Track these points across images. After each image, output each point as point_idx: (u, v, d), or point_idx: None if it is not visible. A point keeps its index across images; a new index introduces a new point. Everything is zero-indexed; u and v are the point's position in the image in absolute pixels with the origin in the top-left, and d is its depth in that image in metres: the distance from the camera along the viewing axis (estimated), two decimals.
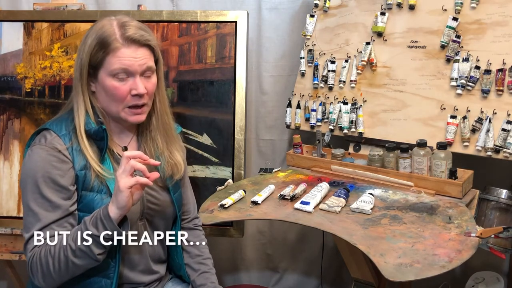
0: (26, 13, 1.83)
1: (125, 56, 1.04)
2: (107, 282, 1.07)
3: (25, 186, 1.03)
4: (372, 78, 1.73)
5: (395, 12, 1.70)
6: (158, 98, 1.16)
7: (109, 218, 0.97)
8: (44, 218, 1.01)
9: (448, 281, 1.85)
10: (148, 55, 1.09)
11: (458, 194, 1.40)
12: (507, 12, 1.47)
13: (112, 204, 0.98)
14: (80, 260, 0.99)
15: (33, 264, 1.01)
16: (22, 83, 1.80)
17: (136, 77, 1.06)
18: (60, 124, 1.08)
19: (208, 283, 1.23)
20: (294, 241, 2.23)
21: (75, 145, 1.06)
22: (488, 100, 1.47)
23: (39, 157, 1.03)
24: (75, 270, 1.01)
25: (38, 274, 1.00)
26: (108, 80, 1.06)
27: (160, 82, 1.15)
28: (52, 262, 0.99)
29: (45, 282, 1.01)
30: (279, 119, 2.10)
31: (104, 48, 1.04)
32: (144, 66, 1.07)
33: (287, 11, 2.07)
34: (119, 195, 0.96)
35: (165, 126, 1.18)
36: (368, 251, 1.14)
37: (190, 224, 1.31)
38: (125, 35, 1.04)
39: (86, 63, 1.06)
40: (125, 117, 1.09)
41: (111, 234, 0.98)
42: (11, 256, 1.79)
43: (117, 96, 1.06)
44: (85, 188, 1.06)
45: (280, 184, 1.61)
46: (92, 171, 1.06)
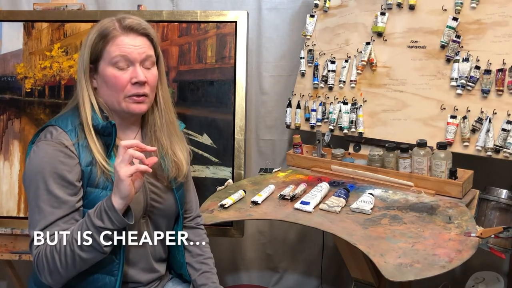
0: (26, 13, 1.83)
1: (124, 44, 1.06)
2: (111, 279, 1.07)
3: (31, 182, 1.02)
4: (372, 78, 1.73)
5: (395, 12, 1.70)
6: (161, 94, 1.16)
7: (114, 209, 0.97)
8: (51, 215, 1.01)
9: (448, 281, 1.85)
10: (148, 45, 1.10)
11: (458, 194, 1.40)
12: (507, 12, 1.47)
13: (114, 195, 0.98)
14: (87, 254, 0.99)
15: (39, 261, 1.00)
16: (22, 83, 1.80)
17: (136, 66, 1.07)
18: (65, 120, 1.08)
19: (209, 283, 1.23)
20: (294, 241, 2.23)
21: (81, 141, 1.06)
22: (488, 100, 1.47)
23: (46, 152, 1.03)
24: (82, 264, 1.00)
25: (44, 270, 1.00)
26: (108, 70, 1.07)
27: (162, 78, 1.16)
28: (58, 257, 0.99)
29: (52, 279, 1.01)
30: (279, 119, 2.10)
31: (104, 38, 1.06)
32: (143, 55, 1.08)
33: (287, 11, 2.07)
34: (121, 185, 0.96)
35: (168, 123, 1.18)
36: (368, 251, 1.14)
37: (192, 223, 1.31)
38: (123, 24, 1.07)
39: (88, 58, 1.08)
40: (127, 107, 1.09)
41: (117, 225, 0.98)
42: (11, 256, 1.79)
43: (117, 85, 1.07)
44: (90, 184, 1.06)
45: (280, 184, 1.61)
46: (98, 167, 1.06)
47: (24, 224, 1.76)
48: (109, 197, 0.99)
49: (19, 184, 1.78)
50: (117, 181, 0.97)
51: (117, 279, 1.07)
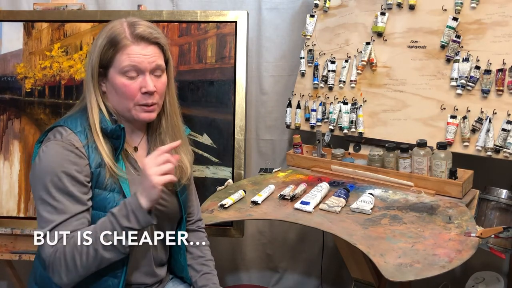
0: (26, 13, 1.83)
1: (135, 53, 1.05)
2: (114, 282, 1.07)
3: (42, 180, 1.01)
4: (372, 78, 1.73)
5: (395, 12, 1.70)
6: (168, 99, 1.16)
7: (143, 210, 0.98)
8: (64, 213, 1.00)
9: (448, 281, 1.85)
10: (158, 53, 1.09)
11: (458, 194, 1.40)
12: (507, 12, 1.47)
13: (142, 197, 0.99)
14: (110, 254, 1.00)
15: (56, 260, 0.99)
16: (22, 83, 1.80)
17: (146, 75, 1.07)
18: (75, 121, 1.08)
19: (210, 284, 1.23)
20: (294, 241, 2.23)
21: (90, 142, 1.06)
22: (488, 100, 1.47)
23: (56, 152, 1.02)
24: (102, 264, 1.01)
25: (61, 269, 0.99)
26: (118, 78, 1.06)
27: (170, 83, 1.16)
28: (79, 257, 0.99)
29: (68, 278, 1.00)
30: (279, 119, 2.10)
31: (114, 46, 1.05)
32: (153, 64, 1.07)
33: (287, 11, 2.07)
34: (153, 191, 0.98)
35: (174, 128, 1.18)
36: (368, 251, 1.14)
37: (194, 226, 1.32)
38: (134, 32, 1.06)
39: (97, 63, 1.07)
40: (136, 115, 1.09)
41: (142, 225, 0.99)
42: (11, 256, 1.79)
43: (127, 94, 1.07)
44: (98, 186, 1.06)
45: (280, 184, 1.61)
46: (107, 169, 1.06)
47: (24, 224, 1.76)
48: (135, 199, 0.99)
49: (19, 184, 1.78)
50: (148, 187, 0.98)
51: (120, 281, 1.08)
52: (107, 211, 1.05)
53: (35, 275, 1.14)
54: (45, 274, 1.10)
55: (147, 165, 0.99)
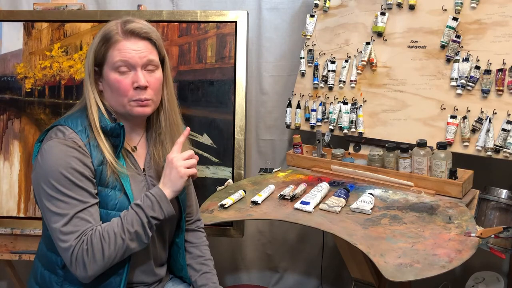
0: (26, 13, 1.83)
1: (125, 49, 1.07)
2: (116, 280, 1.08)
3: (46, 179, 1.01)
4: (372, 78, 1.73)
5: (395, 12, 1.70)
6: (166, 96, 1.17)
7: (167, 199, 1.06)
8: (75, 207, 1.01)
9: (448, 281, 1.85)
10: (150, 49, 1.10)
11: (458, 194, 1.40)
12: (507, 12, 1.47)
13: (166, 187, 1.08)
14: (135, 243, 1.03)
15: (79, 252, 0.99)
16: (22, 83, 1.80)
17: (137, 70, 1.08)
18: (75, 121, 1.09)
19: (209, 283, 1.23)
20: (294, 241, 2.23)
21: (92, 141, 1.07)
22: (488, 100, 1.47)
23: (59, 149, 1.03)
24: (125, 255, 1.04)
25: (87, 260, 0.99)
26: (111, 74, 1.08)
27: (168, 81, 1.17)
28: (108, 247, 1.00)
29: (93, 269, 1.00)
30: (279, 119, 2.10)
31: (106, 42, 1.07)
32: (144, 59, 1.08)
33: (287, 11, 2.07)
34: (179, 182, 1.08)
35: (173, 125, 1.19)
36: (368, 251, 1.14)
37: (193, 226, 1.32)
38: (124, 28, 1.07)
39: (92, 61, 1.09)
40: (131, 110, 1.10)
41: (165, 215, 1.06)
42: (11, 256, 1.79)
43: (120, 90, 1.08)
44: (101, 183, 1.07)
45: (280, 184, 1.61)
46: (108, 167, 1.07)
47: (24, 224, 1.76)
48: (158, 189, 1.06)
49: (19, 184, 1.78)
50: (175, 178, 1.08)
51: (122, 279, 1.08)
52: (108, 209, 1.07)
53: (35, 275, 1.14)
54: (46, 273, 1.11)
55: (175, 158, 1.09)
